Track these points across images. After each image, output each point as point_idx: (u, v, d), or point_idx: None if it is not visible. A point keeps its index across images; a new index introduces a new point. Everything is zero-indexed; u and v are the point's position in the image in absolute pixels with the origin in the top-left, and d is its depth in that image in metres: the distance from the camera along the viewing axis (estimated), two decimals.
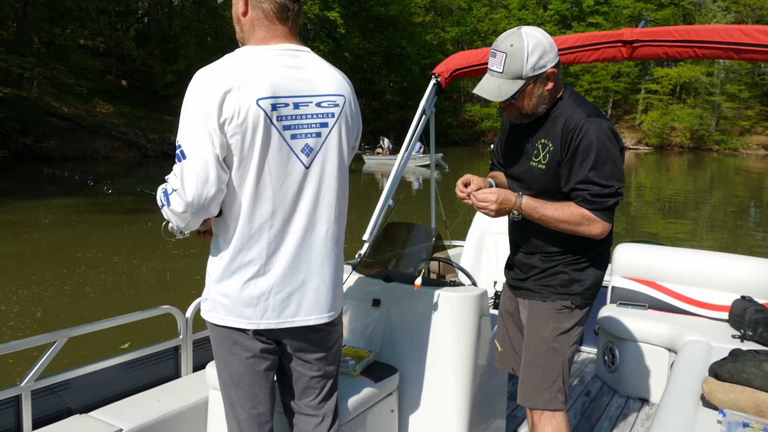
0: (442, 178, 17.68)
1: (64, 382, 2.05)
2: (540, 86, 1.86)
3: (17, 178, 17.46)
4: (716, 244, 11.00)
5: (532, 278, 2.04)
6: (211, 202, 1.55)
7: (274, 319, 1.63)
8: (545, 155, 1.91)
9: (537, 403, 1.99)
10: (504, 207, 1.88)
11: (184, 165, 1.52)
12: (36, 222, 11.02)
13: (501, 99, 1.83)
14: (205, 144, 1.50)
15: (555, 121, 1.90)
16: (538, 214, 1.87)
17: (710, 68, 49.14)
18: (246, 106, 1.50)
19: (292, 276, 1.63)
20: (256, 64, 1.55)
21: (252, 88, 1.51)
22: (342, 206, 1.74)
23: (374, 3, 41.83)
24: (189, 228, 1.64)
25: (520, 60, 1.80)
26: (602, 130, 1.81)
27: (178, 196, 1.54)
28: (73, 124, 23.85)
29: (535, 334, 2.00)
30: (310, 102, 1.62)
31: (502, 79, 1.84)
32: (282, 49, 1.61)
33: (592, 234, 1.85)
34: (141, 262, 8.21)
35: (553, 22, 53.34)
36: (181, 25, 31.84)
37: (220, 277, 1.63)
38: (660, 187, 23.07)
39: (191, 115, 1.51)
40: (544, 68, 1.83)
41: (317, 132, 1.64)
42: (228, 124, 1.49)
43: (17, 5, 21.68)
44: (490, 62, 1.86)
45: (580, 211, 1.84)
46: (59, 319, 5.88)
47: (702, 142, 50.85)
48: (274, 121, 1.55)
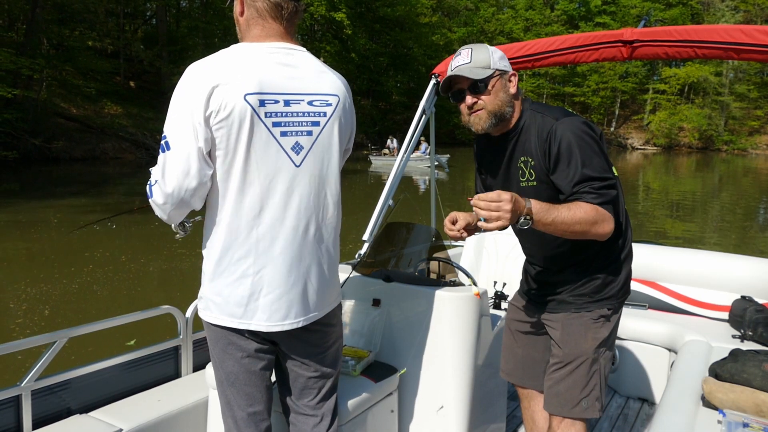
0: (449, 178, 17.50)
1: (64, 382, 2.04)
2: (505, 83, 1.86)
3: (26, 178, 17.58)
4: (724, 245, 10.92)
5: (566, 291, 1.98)
6: (193, 194, 1.55)
7: (264, 321, 1.61)
8: (531, 172, 1.87)
9: (573, 412, 1.93)
10: (518, 207, 1.63)
11: (167, 156, 1.53)
12: (45, 222, 11.10)
13: (475, 77, 1.81)
14: (189, 137, 1.50)
15: (527, 135, 1.87)
16: (551, 216, 1.68)
17: (719, 68, 48.84)
18: (233, 100, 1.50)
19: (282, 277, 1.61)
20: (247, 60, 1.55)
21: (239, 83, 1.51)
22: (334, 207, 1.72)
23: (381, 4, 41.85)
24: (171, 220, 1.64)
25: (486, 53, 1.85)
26: (576, 127, 1.78)
27: (159, 188, 1.55)
28: (82, 125, 24.00)
29: (574, 348, 1.93)
30: (301, 100, 1.62)
31: (472, 66, 1.84)
32: (276, 46, 1.61)
33: (605, 232, 1.75)
34: (148, 261, 8.26)
35: (560, 22, 53.19)
36: (188, 26, 31.98)
37: (212, 275, 1.62)
38: (668, 187, 22.93)
39: (178, 108, 1.52)
40: (507, 67, 1.88)
41: (308, 130, 1.63)
42: (213, 117, 1.50)
43: (27, 7, 21.87)
44: (455, 62, 1.87)
45: (593, 207, 1.72)
46: (67, 317, 5.93)
47: (710, 143, 50.55)
48: (261, 116, 1.54)
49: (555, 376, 1.97)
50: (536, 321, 2.12)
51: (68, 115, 24.09)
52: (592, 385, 1.94)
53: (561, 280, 1.99)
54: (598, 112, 52.50)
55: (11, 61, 19.06)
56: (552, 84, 53.55)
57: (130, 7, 31.52)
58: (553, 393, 1.97)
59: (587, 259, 1.94)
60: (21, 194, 14.44)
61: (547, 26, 51.89)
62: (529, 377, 2.18)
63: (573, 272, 1.96)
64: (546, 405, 2.01)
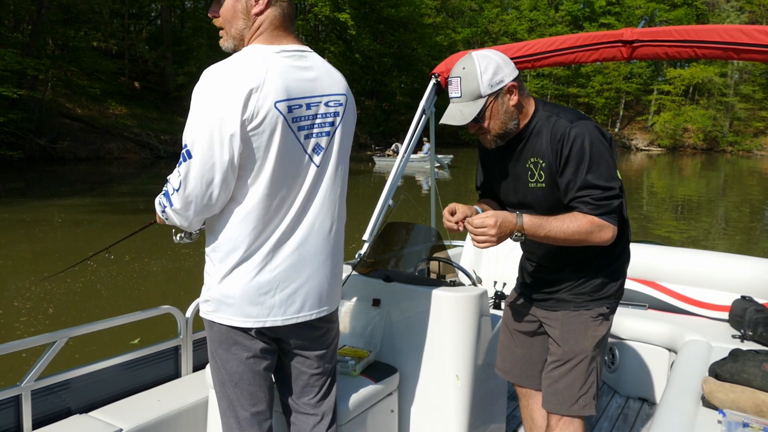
0: (452, 179, 17.47)
1: (64, 382, 2.04)
2: (503, 102, 1.83)
3: (31, 178, 17.67)
4: (729, 246, 10.88)
5: (564, 289, 1.99)
6: (216, 202, 1.53)
7: (280, 316, 1.62)
8: (540, 173, 1.86)
9: (571, 410, 1.94)
10: (504, 230, 1.72)
11: (190, 164, 1.49)
12: (49, 221, 11.15)
13: (465, 122, 1.80)
14: (215, 146, 1.47)
15: (538, 137, 1.86)
16: (543, 231, 1.75)
17: (724, 69, 48.67)
18: (265, 108, 1.48)
19: (297, 272, 1.63)
20: (272, 65, 1.53)
21: (270, 89, 1.49)
22: (344, 202, 1.76)
23: (385, 4, 41.86)
24: (192, 227, 1.62)
25: (475, 80, 1.79)
26: (590, 132, 1.77)
27: (179, 196, 1.52)
28: (87, 126, 24.10)
29: (573, 346, 1.94)
30: (319, 102, 1.62)
31: (462, 103, 1.82)
32: (291, 50, 1.61)
33: (604, 240, 1.78)
34: (151, 260, 8.29)
35: (564, 22, 53.09)
36: (193, 27, 32.06)
37: (223, 275, 1.61)
38: (672, 188, 22.87)
39: (203, 115, 1.47)
40: (501, 83, 1.81)
41: (327, 131, 1.65)
42: (248, 123, 1.47)
43: (32, 8, 21.99)
44: (449, 91, 1.85)
45: (588, 219, 1.76)
46: (71, 315, 5.97)
47: (715, 144, 50.39)
48: (290, 122, 1.54)
49: (554, 374, 1.98)
50: (534, 320, 2.12)
51: (73, 116, 24.20)
52: (590, 383, 1.95)
53: (559, 279, 2.00)
54: (602, 113, 52.37)
55: (17, 61, 19.16)
56: (556, 85, 53.47)
57: (135, 8, 31.64)
58: (551, 391, 1.98)
59: (587, 260, 1.94)
60: (26, 194, 14.51)
61: (551, 27, 51.80)
62: (528, 376, 2.18)
63: (572, 271, 1.97)
64: (544, 403, 2.01)
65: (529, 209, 1.91)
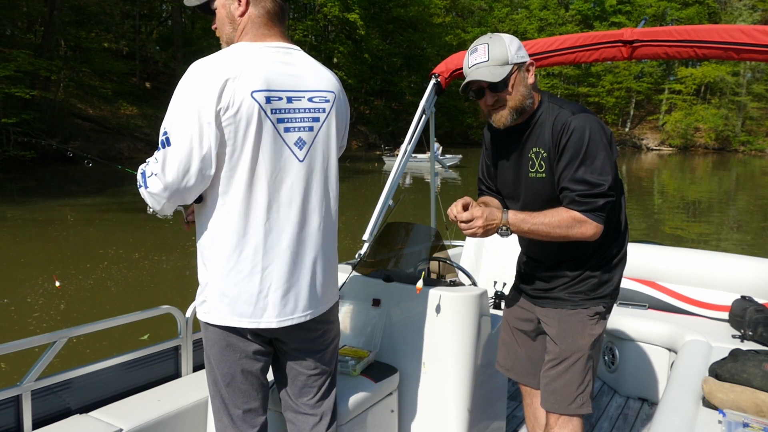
0: (461, 179, 17.47)
1: (64, 382, 2.03)
2: (525, 76, 1.86)
3: (43, 178, 17.85)
4: (740, 246, 10.80)
5: (561, 287, 2.00)
6: (190, 191, 1.56)
7: (275, 318, 1.63)
8: (541, 163, 1.88)
9: (569, 409, 1.95)
10: (490, 224, 1.79)
11: (167, 152, 1.52)
12: (61, 220, 11.28)
13: (495, 79, 1.80)
14: (193, 135, 1.49)
15: (542, 127, 1.87)
16: (527, 225, 1.81)
17: (736, 68, 48.16)
18: (240, 97, 1.51)
19: (289, 272, 1.63)
20: (252, 58, 1.57)
21: (247, 79, 1.52)
22: (335, 200, 1.76)
23: (394, 4, 41.87)
24: (163, 212, 1.64)
25: (503, 46, 1.82)
26: (590, 125, 1.78)
27: (158, 180, 1.55)
28: (98, 126, 24.30)
29: (571, 344, 1.95)
30: (302, 97, 1.65)
31: (490, 65, 1.82)
32: (276, 46, 1.64)
33: (586, 236, 1.81)
34: (161, 258, 8.38)
35: (575, 21, 52.75)
36: (203, 28, 32.27)
37: (217, 275, 1.62)
38: (684, 188, 22.68)
39: (182, 103, 1.51)
40: (524, 58, 1.86)
41: (309, 126, 1.66)
42: (223, 113, 1.50)
43: (44, 10, 22.21)
44: (472, 59, 1.86)
45: (569, 214, 1.80)
46: (82, 311, 6.07)
47: (727, 143, 49.88)
48: (268, 113, 1.56)
49: (551, 373, 1.99)
50: (533, 318, 2.13)
51: (85, 116, 24.40)
52: (587, 381, 1.96)
53: (556, 275, 2.01)
54: (613, 113, 52.05)
55: (29, 62, 19.35)
56: (566, 84, 53.15)
57: (146, 9, 31.87)
58: (549, 390, 1.99)
59: (583, 256, 1.95)
60: (38, 193, 14.67)
61: (561, 26, 51.49)
62: (531, 375, 2.19)
63: (568, 267, 1.97)
64: (543, 402, 2.02)
65: (527, 200, 1.94)
